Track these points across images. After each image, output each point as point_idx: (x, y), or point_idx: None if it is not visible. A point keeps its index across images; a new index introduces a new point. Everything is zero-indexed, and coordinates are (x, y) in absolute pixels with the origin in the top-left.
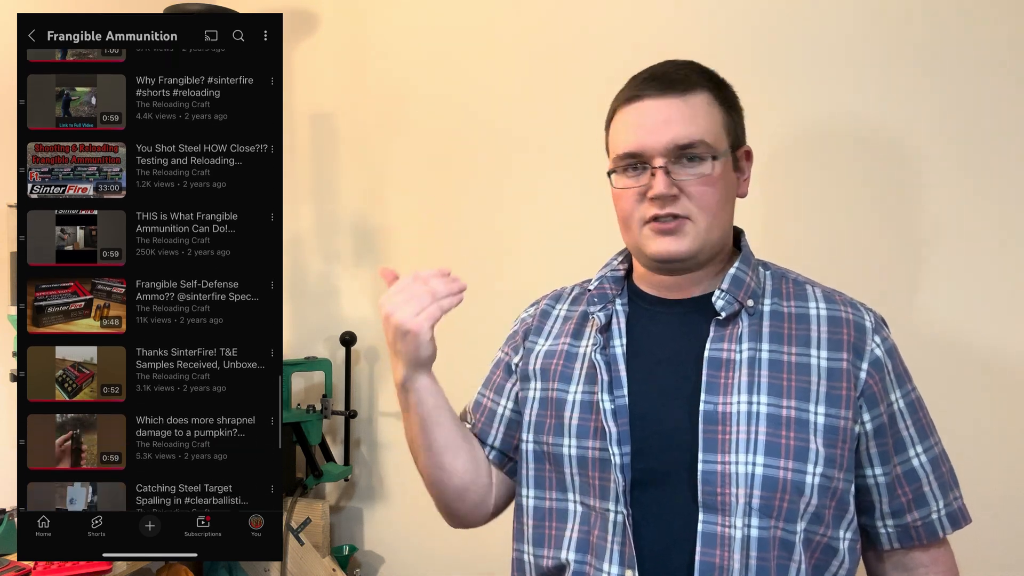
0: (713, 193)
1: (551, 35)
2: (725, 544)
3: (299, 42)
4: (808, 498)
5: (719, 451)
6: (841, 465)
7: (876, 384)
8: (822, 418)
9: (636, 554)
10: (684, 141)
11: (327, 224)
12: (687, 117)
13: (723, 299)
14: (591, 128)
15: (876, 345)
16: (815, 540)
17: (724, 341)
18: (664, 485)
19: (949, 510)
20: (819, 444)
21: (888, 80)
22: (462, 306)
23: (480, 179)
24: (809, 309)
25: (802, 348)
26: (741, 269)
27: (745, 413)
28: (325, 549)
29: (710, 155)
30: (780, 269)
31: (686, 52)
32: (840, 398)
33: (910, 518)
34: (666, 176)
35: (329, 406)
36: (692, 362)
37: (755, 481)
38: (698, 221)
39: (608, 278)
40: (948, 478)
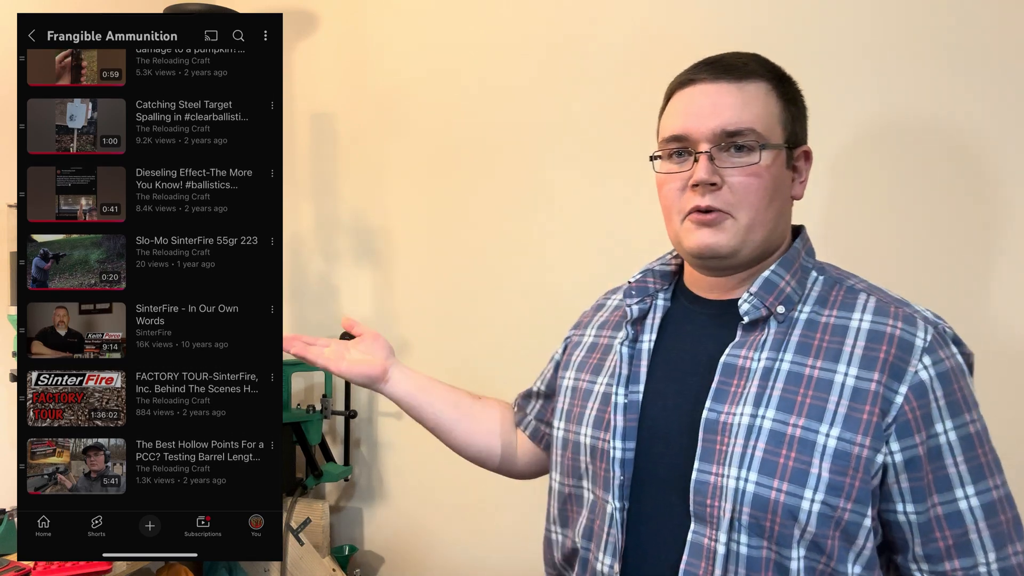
0: (759, 186)
1: (551, 35)
2: (710, 557)
3: (299, 42)
4: (804, 525)
5: (715, 462)
6: (850, 496)
7: (915, 411)
8: (833, 441)
9: (626, 550)
10: (732, 128)
11: (327, 224)
12: (739, 103)
13: (749, 303)
14: (592, 128)
15: (924, 367)
16: (817, 569)
17: (744, 347)
18: (663, 486)
19: (1003, 565)
20: (823, 469)
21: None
22: (465, 306)
23: (480, 179)
24: (851, 321)
25: (829, 363)
26: (777, 272)
27: (746, 426)
28: (325, 549)
29: (759, 145)
30: (839, 275)
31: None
32: (859, 422)
33: (949, 566)
34: (709, 163)
35: (329, 406)
36: (711, 365)
37: (744, 498)
38: (739, 217)
39: (655, 271)
40: (1008, 528)
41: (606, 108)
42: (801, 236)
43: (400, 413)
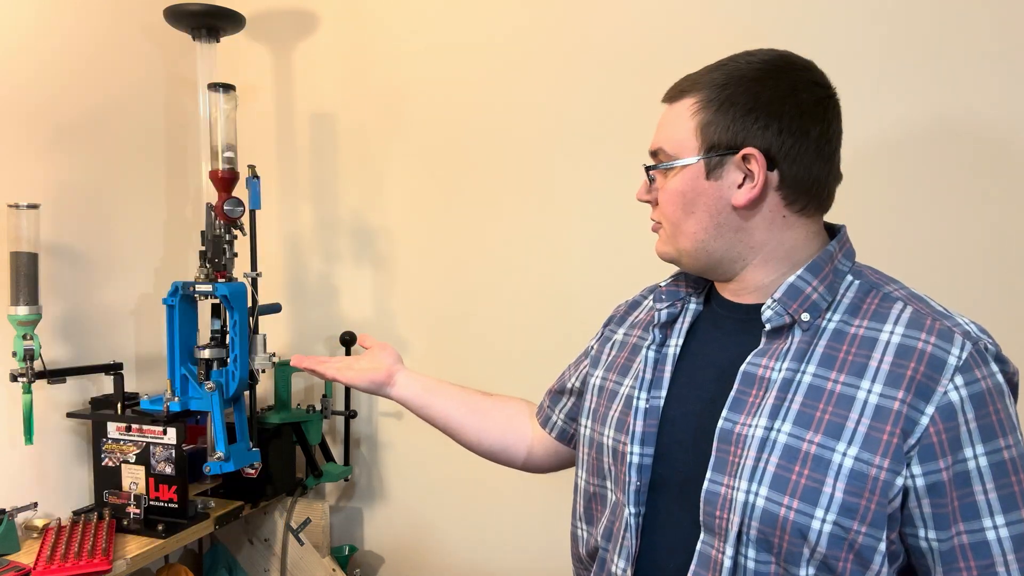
0: (666, 201)
1: (552, 34)
2: (717, 569)
3: (299, 42)
4: (813, 544)
5: (727, 473)
6: (864, 519)
7: (941, 433)
8: (850, 460)
9: (639, 555)
10: (652, 148)
11: (327, 224)
12: (665, 123)
13: (772, 309)
14: (592, 128)
15: (955, 387)
16: None
17: (766, 356)
18: (679, 494)
19: None
20: (836, 489)
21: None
22: (466, 307)
23: (480, 179)
24: (881, 333)
25: (853, 377)
26: (803, 278)
27: (760, 439)
28: (325, 549)
29: (668, 163)
30: (877, 279)
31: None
32: (879, 443)
33: None
34: (649, 183)
35: (329, 406)
36: (733, 372)
37: (753, 512)
38: (666, 227)
39: (689, 277)
40: None
41: (608, 108)
42: (838, 237)
43: (400, 413)
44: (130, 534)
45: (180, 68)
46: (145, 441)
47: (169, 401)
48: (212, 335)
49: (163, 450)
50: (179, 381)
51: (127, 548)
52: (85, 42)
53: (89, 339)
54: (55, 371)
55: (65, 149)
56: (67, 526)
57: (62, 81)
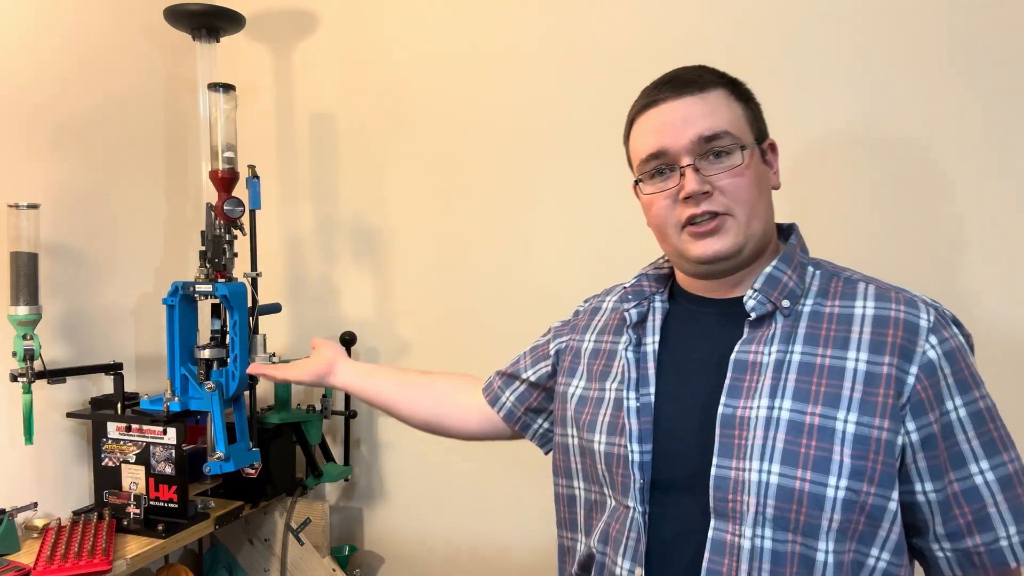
0: (747, 184)
1: (551, 36)
2: (733, 553)
3: (299, 42)
4: (830, 513)
5: (734, 456)
6: (872, 479)
7: (926, 390)
8: (852, 427)
9: (647, 553)
10: (709, 133)
11: (327, 224)
12: (707, 112)
13: (755, 299)
14: (592, 128)
15: (931, 346)
16: (844, 560)
17: (753, 343)
18: (683, 487)
19: None
20: (844, 455)
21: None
22: (464, 306)
23: (480, 179)
24: (854, 309)
25: (838, 350)
26: (778, 268)
27: (764, 418)
28: (325, 549)
29: (738, 146)
30: (834, 268)
31: (696, 58)
32: (876, 406)
33: (971, 543)
34: (695, 173)
35: (329, 406)
36: (721, 363)
37: (768, 491)
38: (737, 215)
39: (649, 276)
40: None
41: (609, 107)
42: (796, 234)
43: None
44: (130, 534)
45: (180, 68)
46: (145, 441)
47: (169, 401)
48: (212, 335)
49: (163, 450)
50: (179, 381)
51: (127, 548)
52: (85, 42)
53: (89, 339)
54: (55, 371)
55: (65, 149)
56: (67, 526)
57: (62, 81)
